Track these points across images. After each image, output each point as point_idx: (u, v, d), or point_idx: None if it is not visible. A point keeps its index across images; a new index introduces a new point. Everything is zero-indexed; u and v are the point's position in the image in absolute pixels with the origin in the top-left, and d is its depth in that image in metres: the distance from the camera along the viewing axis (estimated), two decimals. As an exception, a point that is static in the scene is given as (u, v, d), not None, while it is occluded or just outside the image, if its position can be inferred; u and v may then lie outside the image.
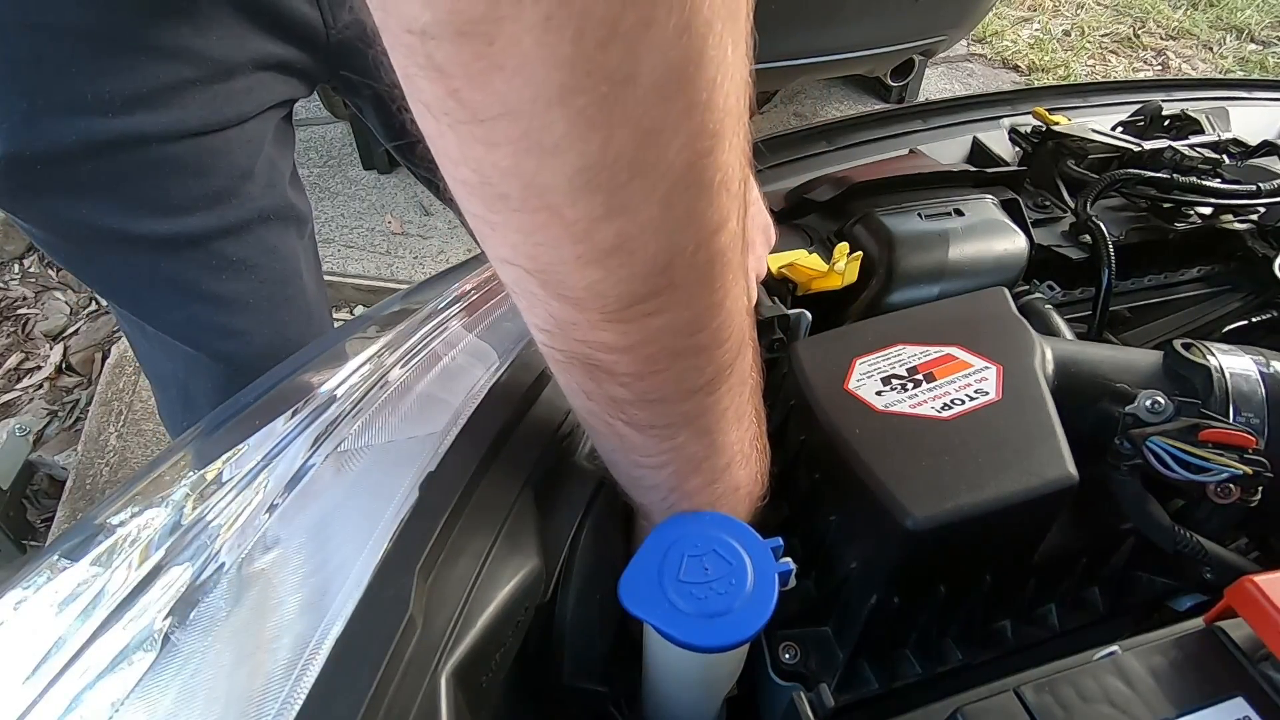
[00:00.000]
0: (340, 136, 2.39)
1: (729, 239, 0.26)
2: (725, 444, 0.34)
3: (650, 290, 0.26)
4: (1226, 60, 3.10)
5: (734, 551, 0.32)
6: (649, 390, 0.30)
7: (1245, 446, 0.37)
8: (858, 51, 2.14)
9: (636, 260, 0.25)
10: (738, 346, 0.30)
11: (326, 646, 0.28)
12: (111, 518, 0.38)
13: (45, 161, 0.54)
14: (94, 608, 0.32)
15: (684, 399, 0.30)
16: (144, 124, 0.56)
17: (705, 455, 0.33)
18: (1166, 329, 0.66)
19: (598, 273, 0.25)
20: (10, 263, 2.02)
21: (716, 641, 0.29)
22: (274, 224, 0.67)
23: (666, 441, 0.32)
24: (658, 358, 0.28)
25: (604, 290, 0.25)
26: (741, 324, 0.30)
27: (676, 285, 0.26)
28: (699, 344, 0.28)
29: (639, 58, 0.20)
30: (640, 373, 0.29)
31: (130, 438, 1.57)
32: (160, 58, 0.55)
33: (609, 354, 0.28)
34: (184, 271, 0.63)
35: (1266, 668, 0.29)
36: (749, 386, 0.34)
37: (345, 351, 0.47)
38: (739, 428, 0.34)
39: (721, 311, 0.28)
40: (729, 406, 0.32)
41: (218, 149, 0.61)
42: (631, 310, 0.26)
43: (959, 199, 0.57)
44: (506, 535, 0.34)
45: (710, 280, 0.27)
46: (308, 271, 0.72)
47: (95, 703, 0.29)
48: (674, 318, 0.27)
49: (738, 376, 0.32)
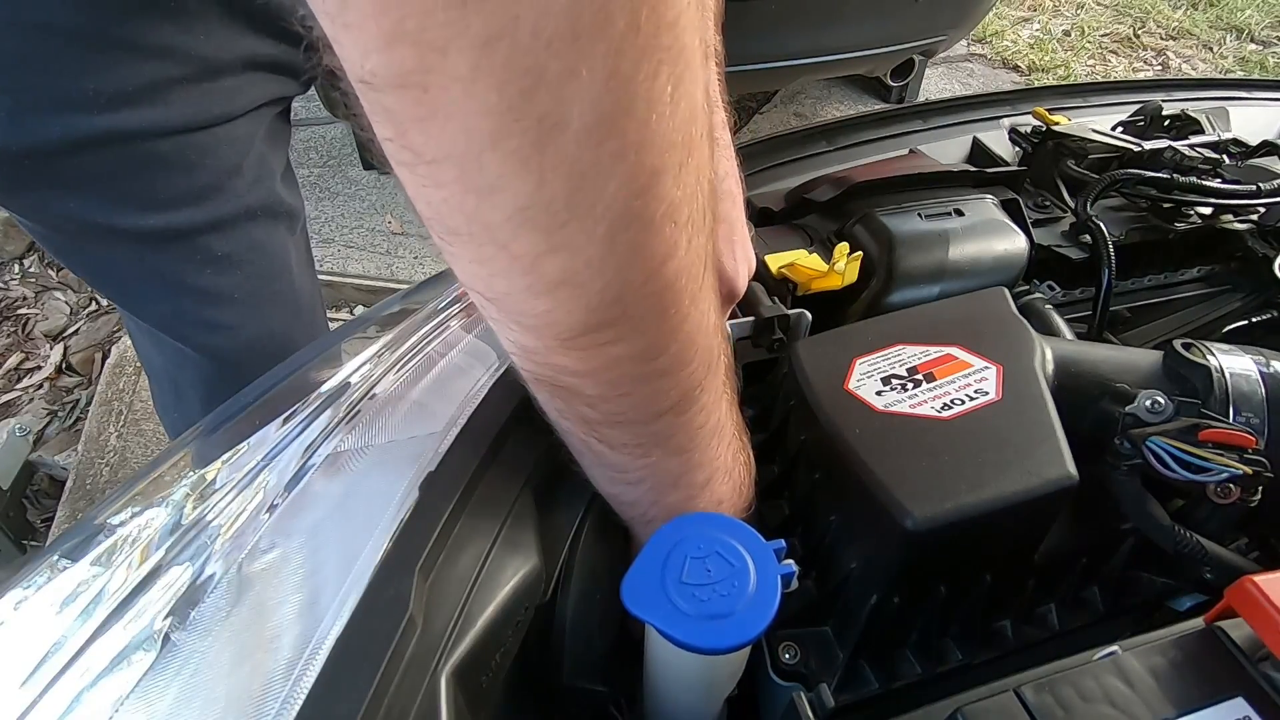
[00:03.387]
0: (340, 136, 2.39)
1: (679, 267, 0.26)
2: (703, 460, 0.34)
3: (603, 321, 0.26)
4: (1227, 60, 3.10)
5: (737, 554, 0.31)
6: (616, 412, 0.30)
7: (1245, 446, 0.37)
8: (858, 51, 2.14)
9: (585, 293, 0.25)
10: (706, 366, 0.31)
11: (326, 646, 0.28)
12: (112, 518, 0.38)
13: (31, 156, 0.55)
14: (94, 608, 0.32)
15: (652, 420, 0.31)
16: (129, 121, 0.56)
17: (682, 471, 0.34)
18: (1166, 329, 0.66)
19: (548, 303, 0.26)
20: (10, 263, 2.02)
21: (718, 643, 0.29)
22: (262, 220, 0.67)
23: (640, 459, 0.33)
24: (620, 382, 0.29)
25: (556, 319, 0.26)
26: (708, 344, 0.30)
27: (629, 315, 0.26)
28: (660, 368, 0.29)
29: (566, 105, 0.21)
30: (605, 395, 0.29)
31: (130, 438, 1.57)
32: (146, 56, 0.55)
33: (572, 378, 0.29)
34: (170, 265, 0.63)
35: (1266, 668, 0.29)
36: (725, 401, 0.34)
37: (345, 352, 0.47)
38: (718, 443, 0.34)
39: (680, 335, 0.28)
40: (704, 424, 0.33)
41: (204, 146, 0.61)
42: (587, 339, 0.27)
43: (959, 199, 0.57)
44: (506, 535, 0.34)
45: (664, 308, 0.27)
46: (297, 267, 0.72)
47: (95, 702, 0.29)
48: (631, 346, 0.27)
49: (710, 395, 0.32)
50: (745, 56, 2.02)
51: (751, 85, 2.48)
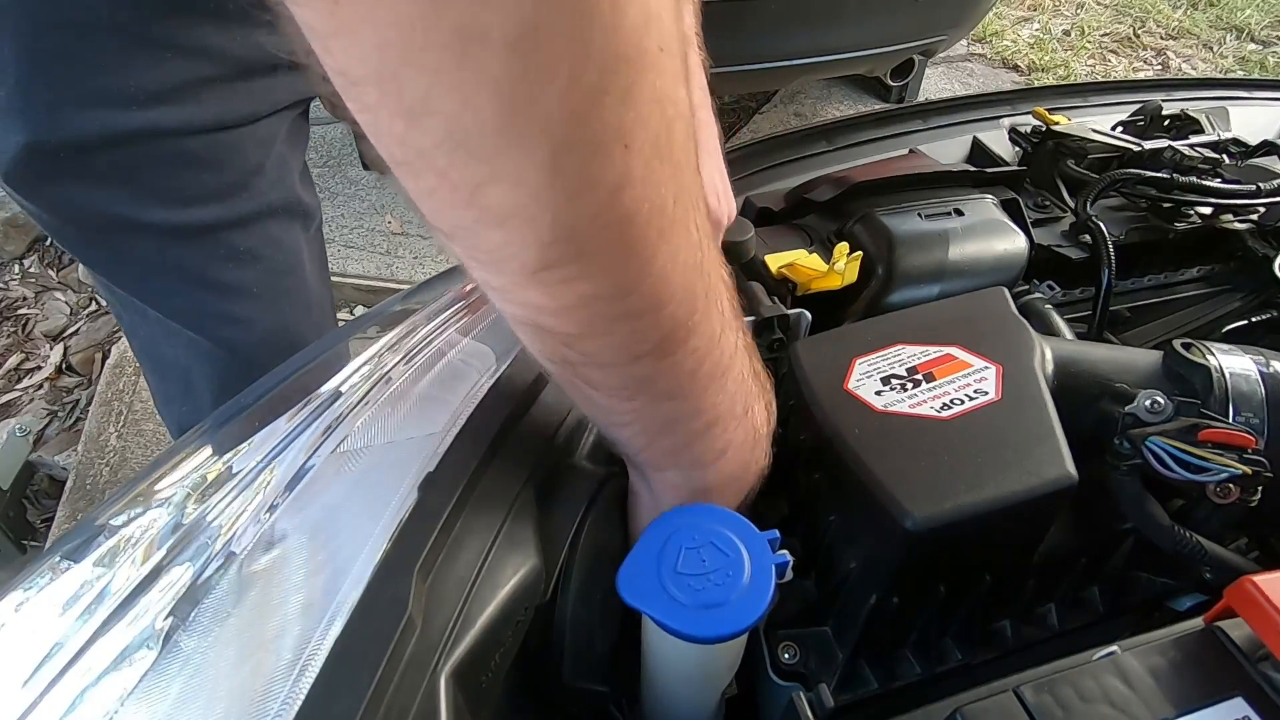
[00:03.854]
0: (340, 136, 2.39)
1: (638, 196, 0.24)
2: (699, 406, 0.32)
3: (561, 256, 0.25)
4: (1226, 60, 3.10)
5: (731, 544, 0.32)
6: (593, 353, 0.29)
7: (1245, 446, 0.37)
8: (858, 51, 2.14)
9: (536, 226, 0.24)
10: (688, 308, 0.29)
11: (326, 646, 0.28)
12: (113, 518, 0.38)
13: (66, 150, 0.56)
14: (95, 607, 0.32)
15: (632, 363, 0.29)
16: (163, 118, 0.58)
17: (674, 416, 0.32)
18: (1166, 329, 0.66)
19: (499, 236, 0.24)
20: (10, 263, 2.02)
21: (714, 632, 0.29)
22: (280, 217, 0.69)
23: (626, 403, 0.31)
24: (593, 322, 0.27)
25: (512, 254, 0.25)
26: (688, 283, 0.28)
27: (588, 251, 0.25)
28: (632, 308, 0.27)
29: (485, 13, 0.19)
30: (580, 335, 0.28)
31: (130, 438, 1.57)
32: (184, 55, 0.57)
33: (545, 316, 0.27)
34: (191, 259, 0.65)
35: (1266, 668, 0.29)
36: (728, 344, 0.32)
37: (346, 352, 0.47)
38: (717, 388, 0.33)
39: (650, 273, 0.26)
40: (695, 369, 0.31)
41: (231, 145, 0.62)
42: (549, 274, 0.25)
43: (959, 199, 0.57)
44: (506, 535, 0.34)
45: (627, 243, 0.25)
46: (310, 265, 0.74)
47: (98, 701, 0.29)
48: (596, 284, 0.26)
49: (702, 338, 0.30)
50: (745, 56, 2.02)
51: (751, 85, 2.48)
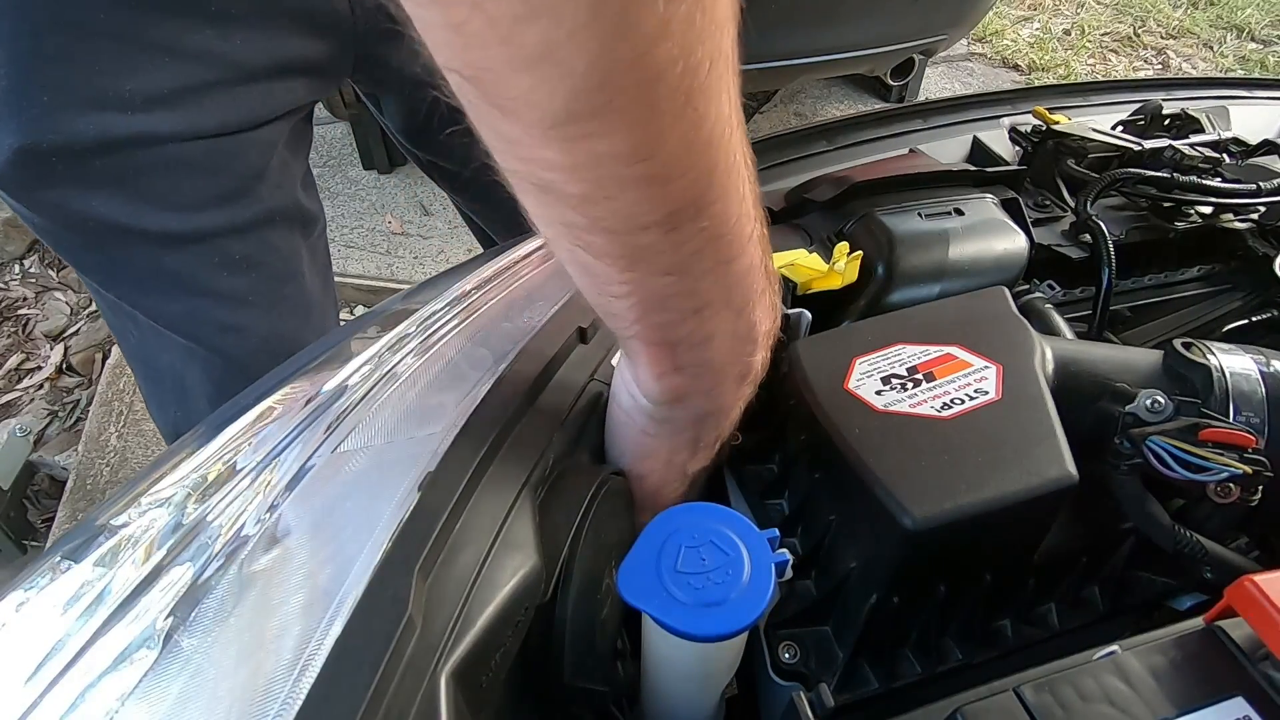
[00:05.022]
0: (340, 136, 2.39)
1: (672, 53, 0.24)
2: (696, 288, 0.32)
3: (584, 109, 0.24)
4: (1227, 59, 3.10)
5: (730, 542, 0.32)
6: (599, 218, 0.28)
7: (1245, 446, 0.37)
8: (858, 51, 2.14)
9: (567, 70, 0.23)
10: (705, 183, 0.28)
11: (326, 646, 0.28)
12: (113, 518, 0.38)
13: (61, 154, 0.55)
14: (96, 607, 0.32)
15: (638, 232, 0.29)
16: (161, 123, 0.57)
17: (670, 294, 0.32)
18: (1166, 328, 0.66)
19: (528, 80, 0.24)
20: (10, 263, 2.02)
21: (714, 630, 0.29)
22: (279, 224, 0.68)
23: (625, 273, 0.31)
24: (604, 183, 0.27)
25: (538, 101, 0.24)
26: (709, 158, 0.28)
27: (615, 106, 0.24)
28: (647, 174, 0.27)
29: None
30: (588, 196, 0.27)
31: (131, 438, 1.57)
32: (184, 59, 0.56)
33: (554, 173, 0.27)
34: (188, 266, 0.64)
35: (1266, 667, 0.29)
36: (740, 234, 0.32)
37: (345, 352, 0.47)
38: (721, 274, 0.32)
39: (670, 139, 0.26)
40: (701, 248, 0.30)
41: (231, 150, 0.62)
42: (570, 129, 0.25)
43: (959, 198, 0.57)
44: (506, 535, 0.34)
45: (653, 101, 0.25)
46: (310, 271, 0.73)
47: (98, 701, 0.29)
48: (616, 142, 0.25)
49: (715, 219, 0.30)
50: (745, 56, 2.02)
51: (751, 85, 2.48)
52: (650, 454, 0.41)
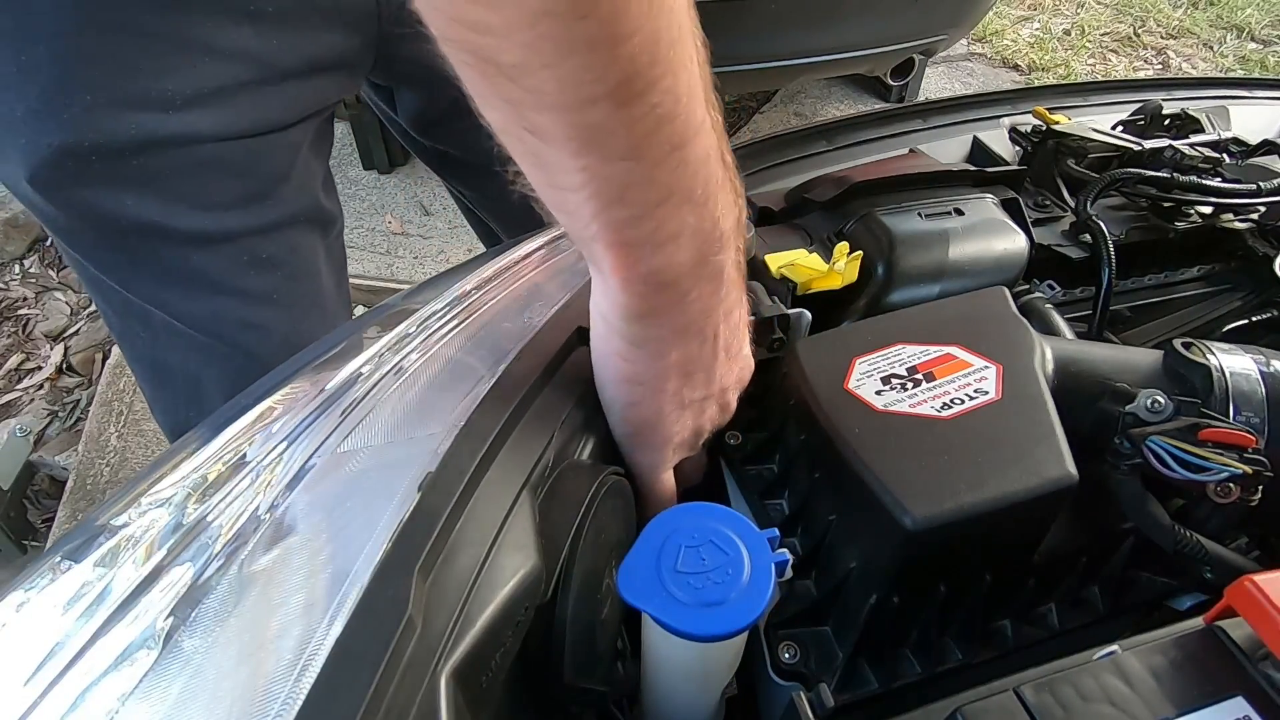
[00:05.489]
0: (340, 137, 2.39)
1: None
2: (655, 175, 0.30)
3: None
4: (1227, 59, 3.10)
5: (730, 542, 0.32)
6: (541, 91, 0.27)
7: (1245, 445, 0.37)
8: (858, 51, 2.14)
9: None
10: (651, 53, 0.27)
11: (326, 646, 0.28)
12: (114, 518, 0.38)
13: (100, 153, 0.56)
14: (96, 608, 0.32)
15: (585, 106, 0.27)
16: (199, 123, 0.57)
17: (628, 182, 0.30)
18: (1166, 328, 0.66)
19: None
20: (10, 263, 2.02)
21: (714, 630, 0.29)
22: (302, 225, 0.69)
23: (578, 157, 0.29)
24: (540, 46, 0.25)
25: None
26: (654, 25, 0.26)
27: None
28: (588, 35, 0.25)
29: None
30: (525, 64, 0.26)
31: (131, 438, 1.57)
32: (222, 59, 0.57)
33: (486, 37, 0.26)
34: (215, 265, 0.64)
35: (1266, 667, 0.29)
36: (693, 117, 0.30)
37: (346, 352, 0.47)
38: (678, 161, 0.30)
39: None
40: (654, 129, 0.29)
41: (261, 151, 0.62)
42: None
43: (959, 198, 0.57)
44: (506, 535, 0.34)
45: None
46: (327, 271, 0.74)
47: (98, 702, 0.29)
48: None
49: (666, 95, 0.28)
50: (745, 56, 2.02)
51: (751, 85, 2.48)
52: (634, 379, 0.39)
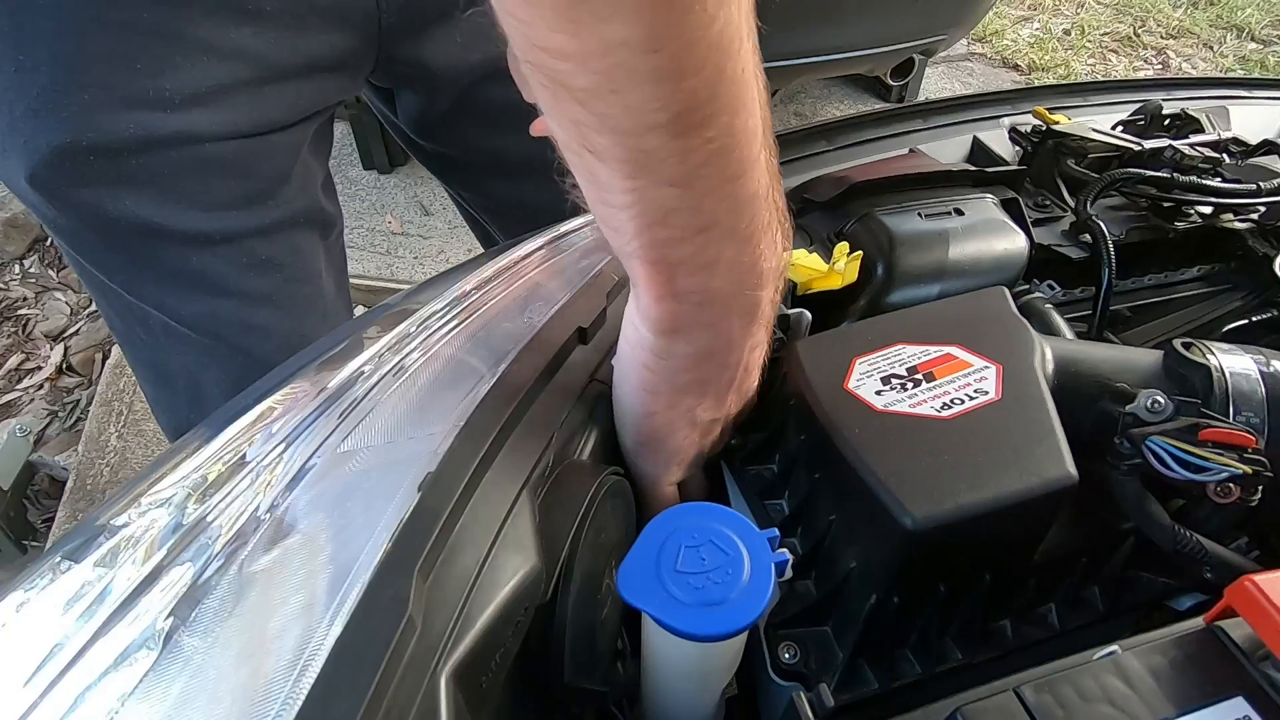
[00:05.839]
0: (340, 137, 2.39)
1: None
2: (702, 205, 0.32)
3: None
4: (1227, 59, 3.10)
5: (730, 542, 0.32)
6: (605, 114, 0.29)
7: (1245, 446, 0.37)
8: (858, 51, 2.14)
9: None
10: (712, 89, 0.28)
11: (326, 646, 0.28)
12: (114, 518, 0.38)
13: (100, 153, 0.55)
14: (96, 608, 0.32)
15: (643, 132, 0.29)
16: (199, 122, 0.57)
17: (674, 207, 0.32)
18: (1167, 328, 0.66)
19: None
20: (10, 263, 2.02)
21: (713, 630, 0.30)
22: (302, 226, 0.69)
23: (629, 180, 0.31)
24: (612, 74, 0.27)
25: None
26: (717, 60, 0.28)
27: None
28: (657, 68, 0.27)
29: None
30: (594, 89, 0.28)
31: (131, 438, 1.57)
32: (222, 58, 0.56)
33: (564, 62, 0.27)
34: (215, 266, 0.64)
35: (1266, 667, 0.29)
36: (748, 154, 0.32)
37: (346, 352, 0.47)
38: (726, 193, 0.32)
39: (682, 32, 0.27)
40: (707, 161, 0.30)
41: (261, 151, 0.62)
42: (583, 8, 0.25)
43: (959, 198, 0.57)
44: (506, 535, 0.34)
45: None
46: (328, 273, 0.74)
47: (98, 702, 0.29)
48: (626, 28, 0.26)
49: (722, 130, 0.30)
50: (745, 56, 2.02)
51: (751, 85, 2.48)
52: (653, 390, 0.40)
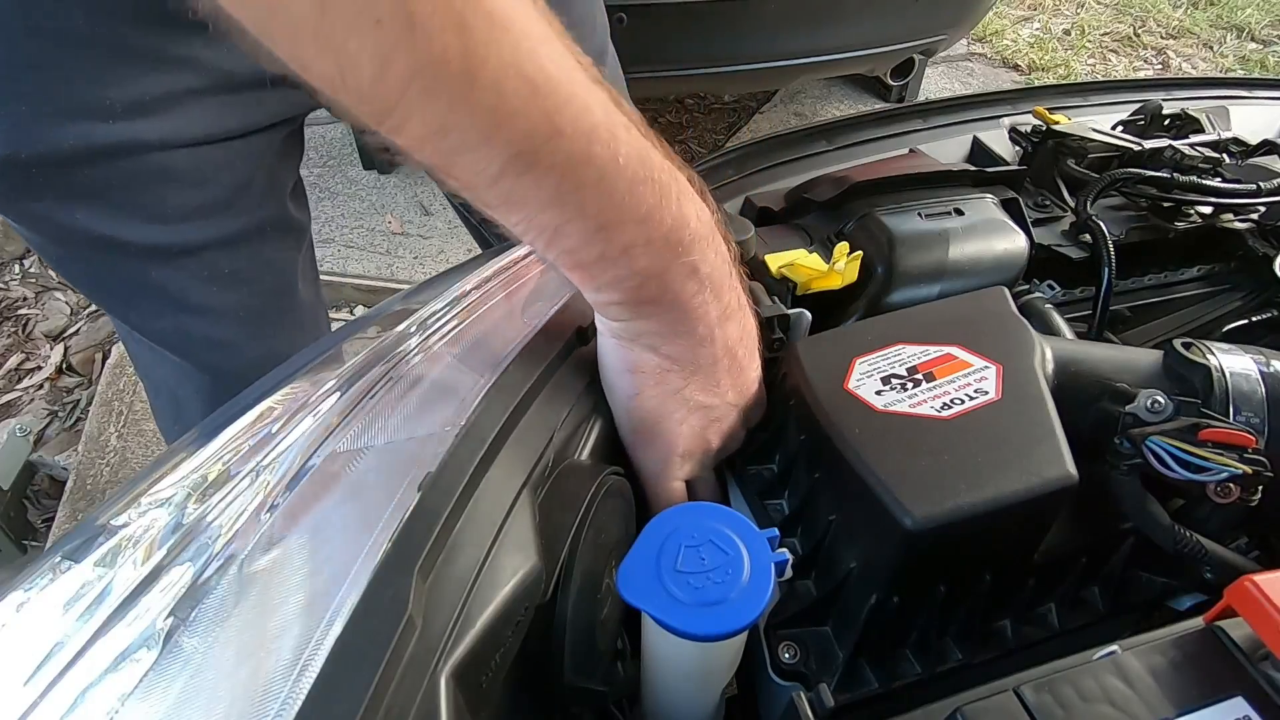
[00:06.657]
0: (340, 137, 2.39)
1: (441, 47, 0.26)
2: (584, 211, 0.33)
3: (381, 108, 0.27)
4: (1227, 59, 3.10)
5: (730, 542, 0.32)
6: (457, 176, 0.31)
7: (1245, 446, 0.37)
8: (858, 51, 2.14)
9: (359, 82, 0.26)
10: (526, 131, 0.29)
11: (326, 646, 0.28)
12: (114, 518, 0.38)
13: (41, 165, 0.54)
14: (96, 608, 0.32)
15: (491, 185, 0.31)
16: (145, 131, 0.55)
17: (559, 223, 0.33)
18: (1167, 328, 0.66)
19: (327, 59, 0.26)
20: (10, 263, 2.02)
21: (713, 630, 0.30)
22: (270, 236, 0.66)
23: (512, 215, 0.33)
24: (436, 156, 0.30)
25: (355, 109, 0.28)
26: (521, 106, 0.29)
27: (408, 98, 0.27)
28: (459, 144, 0.29)
29: None
30: (436, 165, 0.30)
31: (131, 438, 1.57)
32: (167, 67, 0.55)
33: (406, 151, 0.30)
34: (174, 280, 0.62)
35: (1266, 667, 0.29)
36: (603, 154, 0.32)
37: (345, 352, 0.47)
38: (602, 194, 0.32)
39: (470, 114, 0.28)
40: (560, 181, 0.31)
41: (218, 160, 0.60)
42: (386, 123, 0.28)
43: (959, 198, 0.57)
44: (506, 535, 0.34)
45: (438, 90, 0.27)
46: (303, 283, 0.71)
47: (98, 702, 0.29)
48: (419, 127, 0.28)
49: (554, 153, 0.30)
50: (745, 56, 2.02)
51: (751, 85, 2.48)
52: (636, 368, 0.41)
